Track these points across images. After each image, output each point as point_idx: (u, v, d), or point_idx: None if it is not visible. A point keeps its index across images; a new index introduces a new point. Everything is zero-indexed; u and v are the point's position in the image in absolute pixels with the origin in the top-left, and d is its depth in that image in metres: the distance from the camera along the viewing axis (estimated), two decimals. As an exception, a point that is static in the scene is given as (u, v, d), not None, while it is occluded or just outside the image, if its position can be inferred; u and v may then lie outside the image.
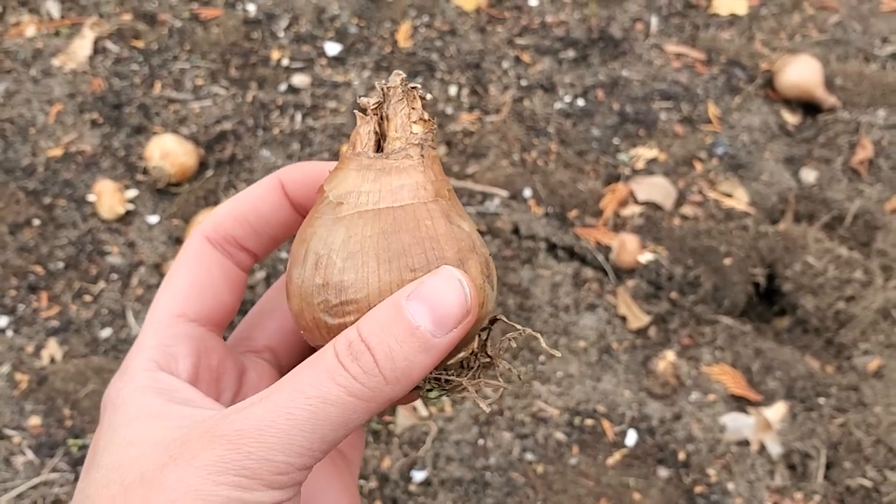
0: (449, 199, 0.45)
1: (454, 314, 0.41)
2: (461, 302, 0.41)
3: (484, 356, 0.47)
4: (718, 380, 1.52)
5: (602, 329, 1.57)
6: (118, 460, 0.41)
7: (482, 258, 0.45)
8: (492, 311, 0.46)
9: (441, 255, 0.43)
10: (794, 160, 1.83)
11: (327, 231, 0.44)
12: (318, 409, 0.39)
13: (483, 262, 0.45)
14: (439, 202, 0.45)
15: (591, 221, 1.70)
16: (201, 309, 0.49)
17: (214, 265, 0.50)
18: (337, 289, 0.43)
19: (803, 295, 1.62)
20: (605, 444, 1.45)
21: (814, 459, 1.44)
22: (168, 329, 0.48)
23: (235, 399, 0.50)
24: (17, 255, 1.63)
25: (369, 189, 0.44)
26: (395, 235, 0.43)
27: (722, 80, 1.94)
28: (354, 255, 0.43)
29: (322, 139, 1.79)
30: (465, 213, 0.46)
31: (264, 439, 0.38)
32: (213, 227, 0.50)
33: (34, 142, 1.77)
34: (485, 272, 0.45)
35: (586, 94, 1.91)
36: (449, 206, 0.45)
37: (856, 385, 1.52)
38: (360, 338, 0.41)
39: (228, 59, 1.93)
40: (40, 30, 1.95)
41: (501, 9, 2.06)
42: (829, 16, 2.08)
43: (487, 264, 0.45)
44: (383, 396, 0.40)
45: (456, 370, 0.46)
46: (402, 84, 0.47)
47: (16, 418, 1.46)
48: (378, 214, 0.44)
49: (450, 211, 0.45)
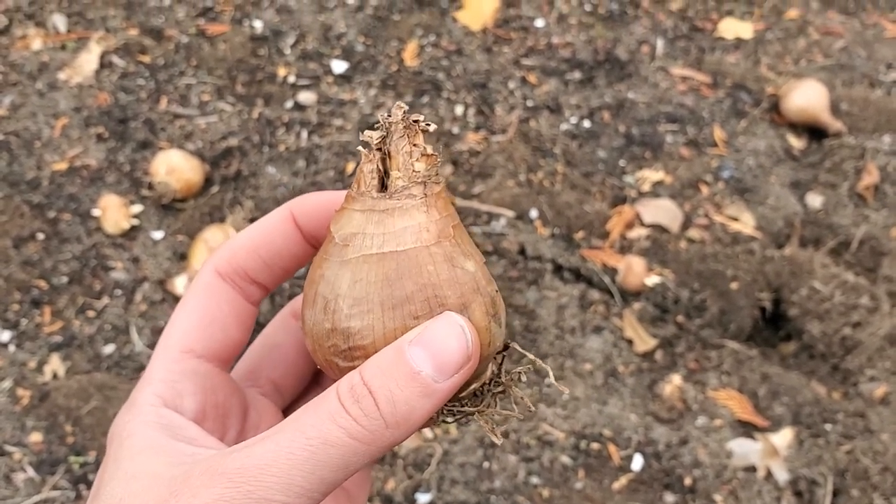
0: (454, 237, 0.45)
1: (455, 360, 0.41)
2: (462, 348, 0.42)
3: (496, 385, 0.48)
4: (725, 404, 1.51)
5: (608, 352, 1.56)
6: (121, 493, 0.41)
7: (487, 298, 0.45)
8: (499, 346, 0.47)
9: (443, 302, 0.44)
10: (799, 185, 1.83)
11: (334, 275, 0.45)
12: (319, 450, 0.39)
13: (488, 301, 0.45)
14: (442, 244, 0.45)
15: (597, 243, 1.70)
16: (209, 345, 0.49)
17: (224, 300, 0.50)
18: (344, 335, 0.44)
19: (809, 320, 1.62)
20: (611, 468, 1.44)
21: (821, 486, 1.44)
22: (175, 364, 0.48)
23: (240, 436, 0.50)
24: (21, 270, 1.62)
25: (373, 231, 0.45)
26: (399, 282, 0.44)
27: (728, 104, 1.95)
28: (360, 302, 0.44)
29: (328, 156, 1.79)
30: (471, 249, 0.46)
31: (264, 479, 0.38)
32: (224, 261, 0.50)
33: (39, 155, 1.77)
34: (490, 312, 0.45)
35: (592, 115, 1.91)
36: (453, 247, 0.45)
37: (862, 412, 1.52)
38: (363, 381, 0.41)
39: (235, 75, 1.92)
40: (46, 43, 1.94)
41: (508, 29, 2.06)
42: (835, 41, 2.09)
43: (493, 303, 0.45)
44: (384, 440, 0.41)
45: (469, 400, 0.47)
46: (403, 118, 0.46)
47: (17, 434, 1.44)
48: (382, 259, 0.44)
49: (453, 252, 0.45)
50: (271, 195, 1.74)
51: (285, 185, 1.75)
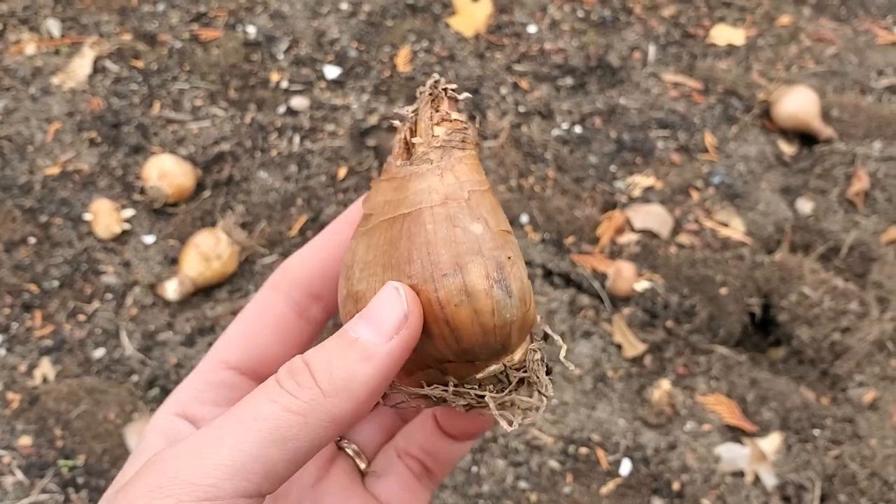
0: (468, 199, 0.44)
1: (389, 320, 0.41)
2: (395, 307, 0.41)
3: (520, 370, 0.45)
4: (713, 409, 1.51)
5: (597, 357, 1.56)
6: (110, 494, 0.42)
7: (491, 261, 0.43)
8: (510, 318, 0.44)
9: (436, 261, 0.43)
10: (790, 190, 1.83)
11: (356, 243, 0.46)
12: (249, 426, 0.38)
13: (492, 265, 0.43)
14: (448, 205, 0.44)
15: (587, 248, 1.70)
16: (245, 358, 0.49)
17: (271, 315, 0.50)
18: (354, 298, 0.44)
19: (799, 325, 1.62)
20: (599, 472, 1.44)
21: (808, 491, 1.44)
22: (208, 374, 0.49)
23: None
24: (12, 273, 1.62)
25: (392, 198, 0.45)
26: (400, 243, 0.43)
27: (719, 110, 1.95)
28: (368, 265, 0.44)
29: (320, 162, 1.80)
30: (486, 214, 0.44)
31: (192, 462, 0.38)
32: (280, 274, 0.50)
33: (32, 160, 1.77)
34: (493, 276, 0.43)
35: (584, 121, 1.92)
36: (459, 209, 0.44)
37: (851, 417, 1.52)
38: (302, 359, 0.41)
39: (228, 80, 1.93)
40: (40, 48, 1.95)
41: (500, 35, 2.07)
42: (826, 48, 2.10)
43: (500, 268, 0.43)
44: (323, 410, 0.39)
45: (492, 383, 0.45)
46: (431, 87, 0.47)
47: (6, 438, 1.44)
48: (392, 223, 0.44)
49: (459, 213, 0.44)
50: (263, 200, 1.74)
51: (277, 191, 1.76)
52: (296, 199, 1.74)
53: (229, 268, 1.62)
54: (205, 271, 1.59)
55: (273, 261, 1.67)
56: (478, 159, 0.47)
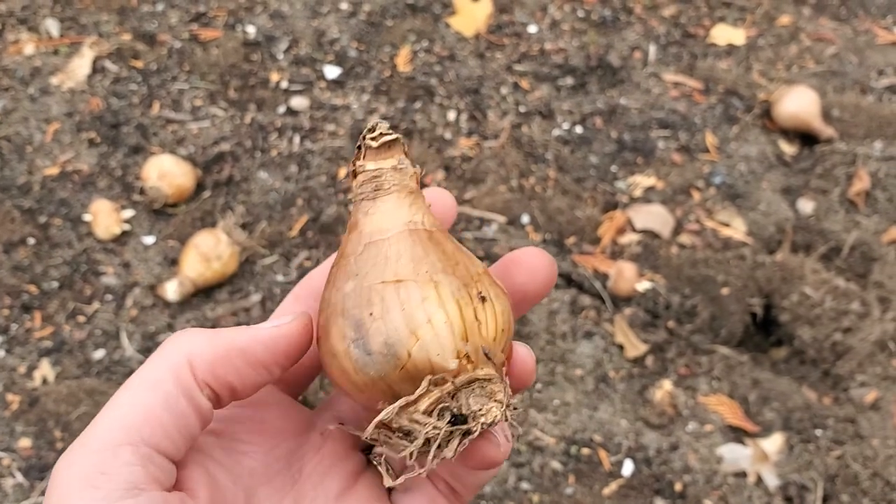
0: (360, 254, 0.47)
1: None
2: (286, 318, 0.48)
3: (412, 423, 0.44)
4: (715, 410, 1.51)
5: (599, 357, 1.56)
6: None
7: (349, 321, 0.45)
8: (383, 372, 0.44)
9: (319, 323, 0.47)
10: (791, 190, 1.83)
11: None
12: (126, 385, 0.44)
13: (350, 324, 0.45)
14: (338, 263, 0.48)
15: (588, 249, 1.70)
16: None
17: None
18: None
19: (800, 326, 1.62)
20: (602, 473, 1.44)
21: (811, 492, 1.44)
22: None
23: None
24: (11, 274, 1.62)
25: None
26: None
27: (719, 110, 1.95)
28: None
29: (320, 162, 1.79)
30: (379, 264, 0.46)
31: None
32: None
33: (31, 160, 1.77)
34: (349, 336, 0.44)
35: (584, 121, 1.92)
36: (343, 266, 0.47)
37: (853, 417, 1.52)
38: None
39: (227, 80, 1.92)
40: (39, 48, 1.94)
41: (501, 35, 2.07)
42: (826, 47, 2.10)
43: (358, 327, 0.44)
44: (176, 353, 0.44)
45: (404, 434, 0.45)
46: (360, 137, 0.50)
47: (6, 440, 1.44)
48: None
49: (340, 272, 0.47)
50: (263, 200, 1.74)
51: (277, 191, 1.75)
52: (296, 199, 1.74)
53: (229, 268, 1.62)
54: (205, 272, 1.58)
55: (273, 261, 1.66)
56: (402, 199, 0.48)
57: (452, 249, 0.47)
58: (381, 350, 0.44)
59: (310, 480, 0.50)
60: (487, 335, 0.45)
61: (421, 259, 0.45)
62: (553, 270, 0.51)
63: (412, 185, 0.49)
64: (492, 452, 0.46)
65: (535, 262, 0.51)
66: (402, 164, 0.49)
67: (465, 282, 0.45)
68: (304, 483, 0.50)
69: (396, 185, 0.48)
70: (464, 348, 0.44)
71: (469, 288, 0.45)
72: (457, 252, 0.47)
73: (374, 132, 0.48)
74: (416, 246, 0.46)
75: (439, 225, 0.49)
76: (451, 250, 0.47)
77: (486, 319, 0.45)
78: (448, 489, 0.52)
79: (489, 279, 0.47)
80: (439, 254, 0.46)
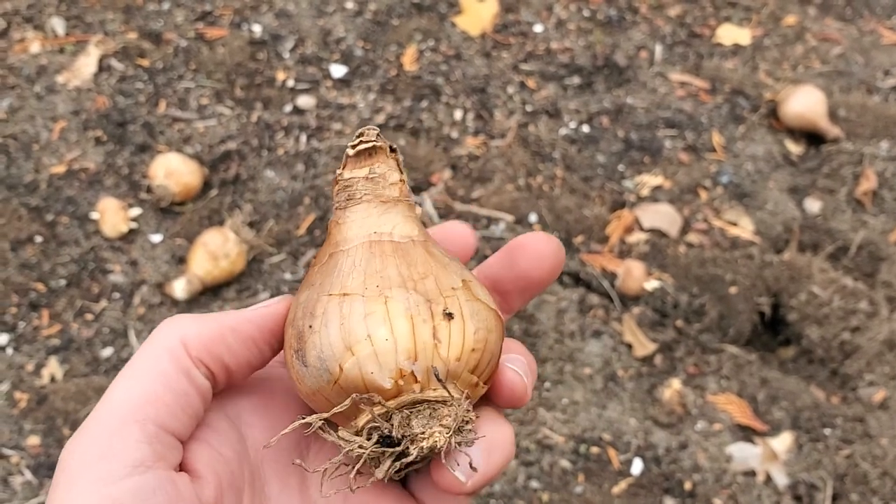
0: (325, 263, 0.47)
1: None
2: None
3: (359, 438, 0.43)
4: (724, 409, 1.51)
5: (608, 356, 1.56)
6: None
7: (294, 331, 0.45)
8: (318, 385, 0.44)
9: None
10: (798, 190, 1.83)
11: None
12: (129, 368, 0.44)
13: (294, 335, 0.45)
14: (308, 272, 0.48)
15: (596, 247, 1.70)
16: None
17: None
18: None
19: (808, 325, 1.62)
20: (611, 472, 1.44)
21: (820, 491, 1.43)
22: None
23: None
24: (19, 272, 1.61)
25: None
26: None
27: (726, 109, 1.95)
28: None
29: (327, 160, 1.79)
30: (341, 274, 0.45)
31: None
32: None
33: (37, 158, 1.76)
34: (293, 346, 0.45)
35: (591, 120, 1.92)
36: (309, 276, 0.47)
37: (861, 416, 1.52)
38: None
39: (234, 79, 1.92)
40: (45, 47, 1.94)
41: (507, 34, 2.07)
42: (832, 47, 2.10)
43: (299, 338, 0.44)
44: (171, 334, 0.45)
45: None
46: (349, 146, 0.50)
47: (14, 438, 1.43)
48: None
49: (306, 282, 0.47)
50: (270, 199, 1.74)
51: (284, 189, 1.75)
52: (303, 197, 1.74)
53: (237, 267, 1.61)
54: (213, 270, 1.58)
55: (281, 260, 1.66)
56: (371, 210, 0.47)
57: (424, 261, 0.46)
58: (314, 364, 0.43)
59: (317, 459, 0.50)
60: (448, 355, 0.43)
61: (375, 273, 0.45)
62: (560, 257, 0.50)
63: (389, 193, 0.48)
64: (447, 480, 0.44)
65: (541, 247, 0.50)
66: (373, 174, 0.48)
67: (431, 297, 0.44)
68: (310, 462, 0.50)
69: (368, 195, 0.47)
70: (409, 367, 0.42)
71: (433, 304, 0.44)
72: (430, 264, 0.46)
73: (356, 140, 0.48)
74: (373, 259, 0.45)
75: (419, 235, 0.47)
76: (422, 261, 0.46)
77: (447, 338, 0.43)
78: None
79: (467, 294, 0.45)
80: (403, 267, 0.45)
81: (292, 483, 0.49)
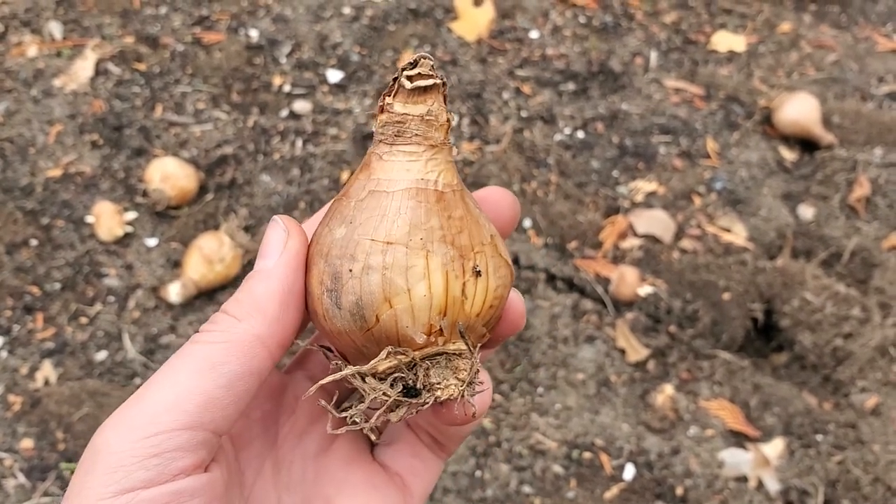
0: (362, 199, 0.45)
1: (273, 244, 0.45)
2: (275, 233, 0.46)
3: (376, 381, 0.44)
4: (717, 415, 1.51)
5: (601, 361, 1.56)
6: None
7: (329, 268, 0.44)
8: (348, 329, 0.44)
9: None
10: (791, 196, 1.84)
11: None
12: (179, 365, 0.41)
13: (329, 272, 0.44)
14: (339, 201, 0.47)
15: (590, 253, 1.70)
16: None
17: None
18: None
19: (801, 331, 1.63)
20: (603, 477, 1.44)
21: (812, 497, 1.44)
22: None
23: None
24: (14, 276, 1.62)
25: None
26: None
27: (720, 116, 1.96)
28: None
29: (322, 165, 1.79)
30: (386, 217, 0.44)
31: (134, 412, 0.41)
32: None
33: (33, 162, 1.77)
34: (325, 284, 0.44)
35: (586, 126, 1.92)
36: (341, 209, 0.46)
37: (854, 422, 1.52)
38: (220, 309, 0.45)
39: (230, 83, 1.93)
40: (42, 50, 1.95)
41: (503, 40, 2.07)
42: (827, 55, 2.11)
43: (335, 278, 0.44)
44: (241, 330, 0.42)
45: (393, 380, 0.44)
46: (399, 69, 0.47)
47: (8, 440, 1.44)
48: None
49: (337, 214, 0.46)
50: (265, 203, 1.74)
51: (279, 194, 1.76)
52: (299, 202, 1.74)
53: (232, 270, 1.62)
54: (207, 274, 1.59)
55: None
56: (421, 153, 0.45)
57: (462, 214, 0.45)
58: (350, 308, 0.43)
59: (287, 442, 0.51)
60: (470, 311, 0.44)
61: (420, 224, 0.44)
62: (516, 209, 0.52)
63: (438, 137, 0.46)
64: (451, 415, 0.47)
65: (498, 198, 0.52)
66: (430, 115, 0.45)
67: (464, 253, 0.44)
68: (281, 445, 0.51)
69: (419, 136, 0.45)
70: (438, 323, 0.43)
71: (465, 260, 0.44)
72: (466, 217, 0.45)
73: (413, 70, 0.45)
74: (418, 208, 0.44)
75: (457, 184, 0.46)
76: (459, 215, 0.45)
77: (473, 295, 0.44)
78: (431, 440, 0.53)
79: (493, 250, 0.46)
80: (443, 219, 0.44)
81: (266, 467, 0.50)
